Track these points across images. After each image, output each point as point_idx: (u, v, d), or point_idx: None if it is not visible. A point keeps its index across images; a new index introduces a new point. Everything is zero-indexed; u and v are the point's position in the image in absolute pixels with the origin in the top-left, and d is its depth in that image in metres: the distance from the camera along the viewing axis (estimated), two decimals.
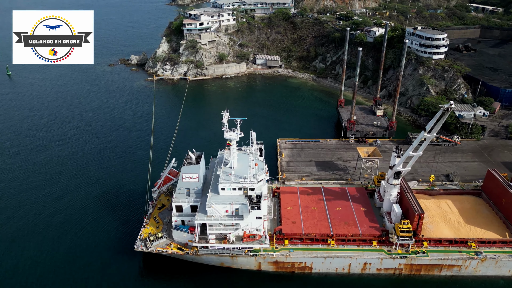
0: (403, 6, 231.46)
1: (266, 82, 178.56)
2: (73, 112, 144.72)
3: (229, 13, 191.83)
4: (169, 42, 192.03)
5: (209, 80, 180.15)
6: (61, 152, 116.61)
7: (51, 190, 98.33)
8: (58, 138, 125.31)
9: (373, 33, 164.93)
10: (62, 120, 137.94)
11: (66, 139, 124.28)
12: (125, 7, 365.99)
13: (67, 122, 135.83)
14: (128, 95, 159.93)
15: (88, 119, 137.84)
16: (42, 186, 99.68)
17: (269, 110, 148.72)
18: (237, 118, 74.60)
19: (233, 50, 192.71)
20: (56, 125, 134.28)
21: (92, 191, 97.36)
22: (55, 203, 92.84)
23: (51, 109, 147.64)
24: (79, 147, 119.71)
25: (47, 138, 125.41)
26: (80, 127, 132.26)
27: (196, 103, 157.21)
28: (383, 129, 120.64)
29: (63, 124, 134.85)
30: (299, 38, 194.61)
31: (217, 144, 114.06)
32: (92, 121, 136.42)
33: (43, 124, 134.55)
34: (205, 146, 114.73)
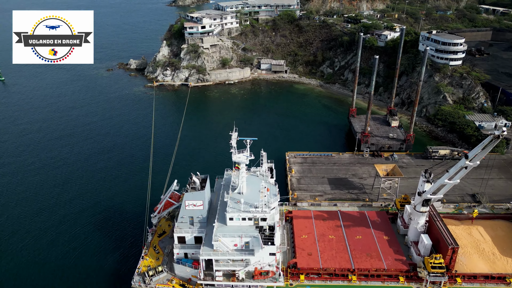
0: (412, 8, 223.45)
1: (271, 88, 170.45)
2: (69, 125, 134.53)
3: (232, 16, 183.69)
4: (170, 46, 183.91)
5: (211, 86, 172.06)
6: (56, 172, 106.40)
7: (38, 213, 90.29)
8: (53, 156, 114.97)
9: (384, 37, 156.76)
10: (58, 134, 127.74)
11: (63, 157, 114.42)
12: (123, 8, 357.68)
13: (63, 137, 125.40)
14: (126, 103, 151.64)
15: (85, 133, 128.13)
16: (35, 212, 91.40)
17: (275, 119, 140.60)
18: (246, 139, 66.44)
19: (236, 54, 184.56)
20: (52, 140, 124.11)
21: (84, 215, 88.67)
22: (41, 231, 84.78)
23: (46, 121, 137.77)
24: (74, 165, 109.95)
25: (42, 156, 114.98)
26: (76, 143, 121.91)
27: (198, 112, 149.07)
28: (400, 142, 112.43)
29: (59, 140, 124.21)
30: (305, 42, 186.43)
31: (223, 159, 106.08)
32: (89, 135, 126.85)
33: (38, 140, 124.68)
34: (209, 163, 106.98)
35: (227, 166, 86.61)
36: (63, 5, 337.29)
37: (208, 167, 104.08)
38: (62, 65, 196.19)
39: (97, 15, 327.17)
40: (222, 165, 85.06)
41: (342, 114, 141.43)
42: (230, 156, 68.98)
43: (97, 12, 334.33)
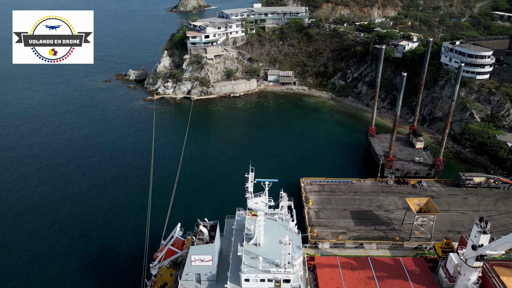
0: (425, 15, 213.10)
1: (279, 102, 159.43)
2: (63, 144, 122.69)
3: (238, 25, 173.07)
4: (171, 56, 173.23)
5: (215, 99, 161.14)
6: (42, 211, 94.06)
7: (18, 255, 78.83)
8: (44, 180, 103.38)
9: (402, 47, 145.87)
10: (49, 155, 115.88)
11: (55, 181, 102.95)
12: (123, 15, 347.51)
13: (55, 158, 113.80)
14: (124, 120, 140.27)
15: (77, 160, 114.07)
16: (15, 254, 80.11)
17: (284, 137, 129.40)
18: (265, 180, 55.25)
19: (242, 65, 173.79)
20: (44, 160, 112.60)
21: (71, 259, 76.61)
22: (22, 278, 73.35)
23: (39, 136, 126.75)
24: (65, 196, 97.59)
25: (32, 181, 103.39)
26: (66, 173, 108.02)
27: (202, 129, 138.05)
28: (427, 167, 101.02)
29: (50, 160, 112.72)
30: (315, 52, 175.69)
31: (232, 189, 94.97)
32: (83, 156, 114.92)
33: (30, 159, 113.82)
34: (217, 195, 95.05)
35: (237, 198, 75.74)
36: (63, 7, 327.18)
37: (215, 200, 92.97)
38: (57, 77, 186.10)
39: (95, 22, 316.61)
40: (231, 198, 74.42)
41: (359, 132, 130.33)
42: (241, 187, 58.49)
43: (95, 18, 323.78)
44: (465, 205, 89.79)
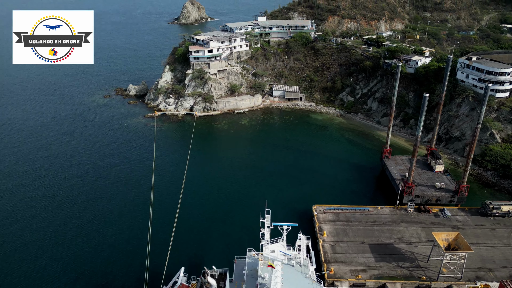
0: (433, 28, 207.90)
1: (285, 118, 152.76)
2: (60, 169, 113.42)
3: (242, 38, 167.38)
4: (173, 71, 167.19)
5: (219, 116, 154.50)
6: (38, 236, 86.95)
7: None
8: (40, 212, 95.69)
9: (414, 62, 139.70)
10: (46, 182, 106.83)
11: (49, 212, 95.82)
12: (123, 27, 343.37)
13: (52, 187, 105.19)
14: (124, 139, 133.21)
15: (77, 180, 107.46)
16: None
17: (292, 157, 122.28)
18: (283, 225, 48.16)
19: (246, 80, 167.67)
20: (39, 189, 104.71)
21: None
22: None
23: (35, 160, 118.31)
24: (54, 229, 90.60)
25: (28, 214, 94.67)
26: (66, 193, 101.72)
27: (205, 148, 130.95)
28: (450, 193, 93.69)
29: (46, 189, 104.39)
30: (322, 66, 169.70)
31: (239, 222, 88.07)
32: (81, 184, 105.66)
33: (25, 187, 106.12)
34: (224, 230, 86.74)
35: (246, 232, 68.46)
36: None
37: (222, 235, 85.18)
38: (55, 92, 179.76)
39: (95, 35, 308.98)
40: (240, 232, 66.90)
41: (371, 152, 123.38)
42: (250, 219, 51.57)
43: (96, 29, 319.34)
44: (494, 237, 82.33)
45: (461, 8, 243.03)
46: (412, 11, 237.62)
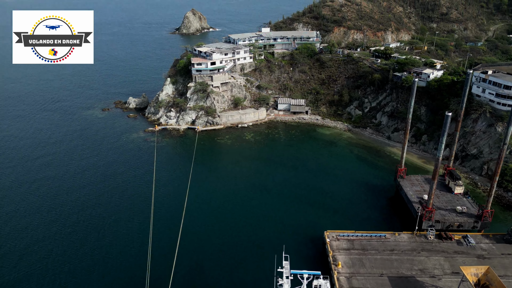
0: (441, 39, 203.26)
1: (291, 133, 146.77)
2: (55, 191, 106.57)
3: (246, 50, 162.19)
4: (174, 84, 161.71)
5: (222, 130, 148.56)
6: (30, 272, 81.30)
7: None
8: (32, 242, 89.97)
9: (426, 75, 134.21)
10: (40, 206, 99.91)
11: (46, 240, 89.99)
12: (124, 37, 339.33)
13: (46, 213, 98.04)
14: (122, 156, 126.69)
15: (73, 205, 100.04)
16: None
17: (299, 176, 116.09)
18: (303, 273, 41.69)
19: (250, 93, 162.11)
20: (35, 214, 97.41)
21: None
22: None
23: (29, 184, 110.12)
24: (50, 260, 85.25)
25: (22, 244, 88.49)
26: (61, 217, 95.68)
27: (208, 166, 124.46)
28: (472, 218, 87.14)
29: (39, 215, 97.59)
30: (328, 79, 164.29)
31: (246, 258, 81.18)
32: (78, 207, 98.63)
33: (21, 213, 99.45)
34: (230, 265, 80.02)
35: (253, 267, 61.61)
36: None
37: (227, 274, 78.46)
38: (52, 105, 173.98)
39: (95, 44, 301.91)
40: (246, 264, 60.12)
41: (383, 170, 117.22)
42: (257, 250, 44.92)
43: (96, 41, 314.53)
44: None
45: (468, 19, 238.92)
46: (418, 22, 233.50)
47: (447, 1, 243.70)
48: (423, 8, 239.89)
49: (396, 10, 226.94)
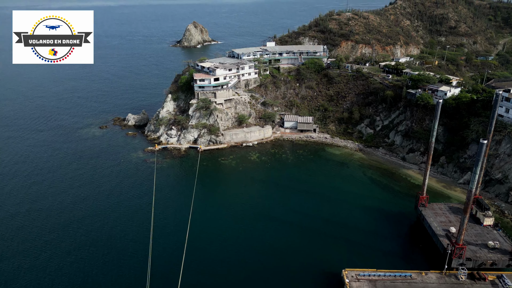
0: (451, 53, 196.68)
1: (298, 153, 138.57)
2: (48, 216, 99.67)
3: (251, 66, 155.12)
4: (176, 100, 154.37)
5: (225, 149, 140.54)
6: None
7: None
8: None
9: (442, 93, 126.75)
10: (31, 234, 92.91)
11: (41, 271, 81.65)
12: (124, 50, 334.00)
13: (36, 249, 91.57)
14: (120, 179, 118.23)
15: (66, 230, 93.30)
16: None
17: (310, 203, 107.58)
18: None
19: (255, 110, 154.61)
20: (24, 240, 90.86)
21: None
22: None
23: (24, 216, 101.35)
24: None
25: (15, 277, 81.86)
26: (54, 245, 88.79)
27: (211, 191, 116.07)
28: (506, 255, 78.39)
29: (30, 244, 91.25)
30: (337, 95, 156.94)
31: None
32: (71, 236, 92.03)
33: (14, 246, 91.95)
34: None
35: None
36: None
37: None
38: (47, 122, 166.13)
39: (95, 58, 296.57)
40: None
41: (401, 196, 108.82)
42: None
43: (95, 55, 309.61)
44: None
45: (477, 32, 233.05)
46: (426, 35, 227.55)
47: (455, 14, 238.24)
48: (431, 22, 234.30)
49: (404, 24, 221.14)
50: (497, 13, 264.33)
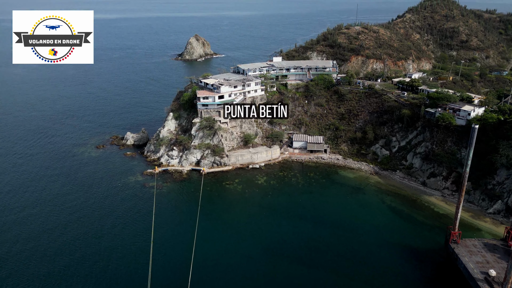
0: (465, 68, 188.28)
1: (309, 176, 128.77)
2: (34, 258, 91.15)
3: (257, 82, 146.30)
4: (178, 119, 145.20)
5: (230, 172, 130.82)
6: None
7: None
8: None
9: (465, 113, 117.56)
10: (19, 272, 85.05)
11: None
12: (124, 63, 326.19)
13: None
14: (116, 208, 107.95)
15: (53, 274, 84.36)
16: None
17: (325, 235, 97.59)
18: None
19: (261, 129, 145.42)
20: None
21: None
22: None
23: (4, 246, 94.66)
24: None
25: None
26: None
27: (216, 220, 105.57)
28: None
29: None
30: (348, 113, 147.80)
31: None
32: (60, 274, 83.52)
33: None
34: None
35: None
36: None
37: None
38: (40, 141, 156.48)
39: (94, 72, 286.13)
40: None
41: (425, 228, 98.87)
42: None
43: (95, 67, 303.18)
44: None
45: (489, 46, 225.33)
46: (436, 49, 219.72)
47: (466, 28, 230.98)
48: (441, 35, 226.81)
49: (414, 38, 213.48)
50: (507, 26, 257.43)
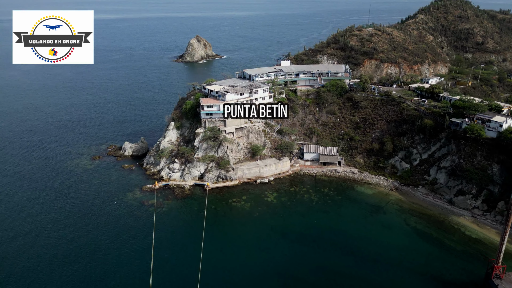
0: (484, 72, 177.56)
1: (323, 192, 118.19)
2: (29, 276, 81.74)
3: (265, 89, 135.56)
4: (179, 129, 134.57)
5: (237, 187, 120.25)
6: None
7: None
8: None
9: (497, 124, 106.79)
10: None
11: None
12: (124, 65, 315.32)
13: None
14: (113, 228, 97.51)
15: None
16: None
17: (342, 262, 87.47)
18: None
19: (270, 139, 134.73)
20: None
21: None
22: None
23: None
24: None
25: None
26: None
27: (222, 244, 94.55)
28: None
29: None
30: (364, 122, 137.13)
31: None
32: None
33: None
34: None
35: None
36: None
37: None
38: (35, 150, 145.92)
39: (93, 75, 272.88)
40: None
41: (455, 254, 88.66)
42: None
43: (95, 69, 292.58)
44: None
45: (506, 49, 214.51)
46: (451, 52, 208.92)
47: (481, 29, 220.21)
48: (455, 37, 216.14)
49: (427, 39, 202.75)
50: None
